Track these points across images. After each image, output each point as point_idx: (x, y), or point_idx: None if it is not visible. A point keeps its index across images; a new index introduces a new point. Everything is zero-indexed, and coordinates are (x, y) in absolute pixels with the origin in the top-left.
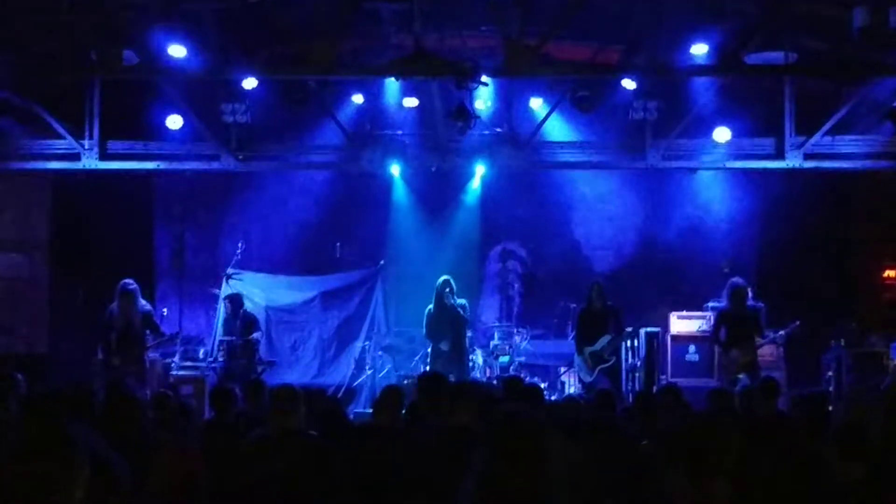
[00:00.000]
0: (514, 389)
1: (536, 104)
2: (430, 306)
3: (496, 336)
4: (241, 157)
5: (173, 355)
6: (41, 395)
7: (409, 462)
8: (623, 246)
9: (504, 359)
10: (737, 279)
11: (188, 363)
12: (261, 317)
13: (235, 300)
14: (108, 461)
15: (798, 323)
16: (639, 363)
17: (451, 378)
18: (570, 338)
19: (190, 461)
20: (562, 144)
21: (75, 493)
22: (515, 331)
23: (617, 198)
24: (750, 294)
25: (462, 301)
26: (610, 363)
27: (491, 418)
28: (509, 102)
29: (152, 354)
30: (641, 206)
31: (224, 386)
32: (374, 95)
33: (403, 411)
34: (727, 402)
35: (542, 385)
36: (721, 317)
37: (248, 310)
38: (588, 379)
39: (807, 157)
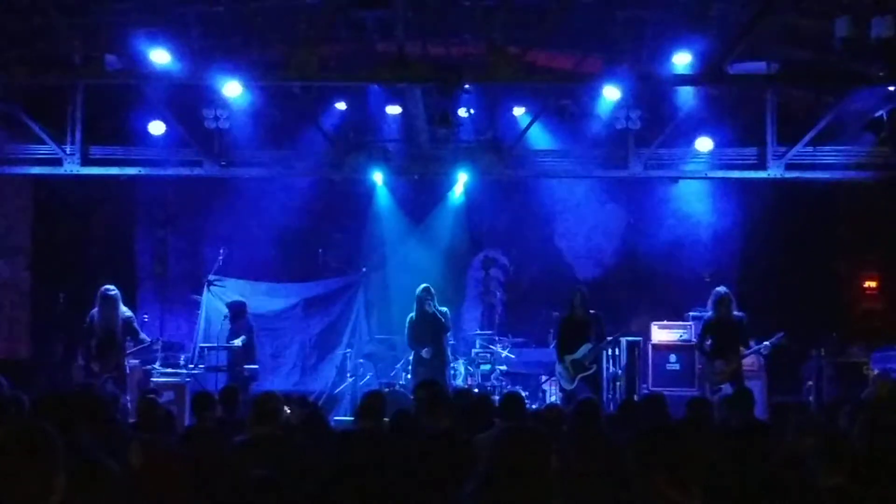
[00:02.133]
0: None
1: (519, 112)
2: (412, 314)
3: (478, 344)
4: (223, 163)
5: (154, 361)
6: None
7: (394, 467)
8: (605, 254)
9: (485, 367)
10: (721, 288)
11: (169, 369)
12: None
13: (239, 307)
14: (105, 467)
15: (783, 334)
16: (620, 372)
17: None
18: (552, 346)
19: (174, 464)
20: (545, 153)
21: (51, 498)
22: (497, 339)
23: (599, 206)
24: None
25: (443, 308)
26: (591, 371)
27: (497, 430)
28: (492, 110)
29: (132, 361)
30: (624, 215)
31: (205, 391)
32: (357, 102)
33: (386, 418)
34: (706, 411)
35: (524, 393)
36: (707, 326)
37: (227, 316)
38: (569, 387)
39: (788, 167)
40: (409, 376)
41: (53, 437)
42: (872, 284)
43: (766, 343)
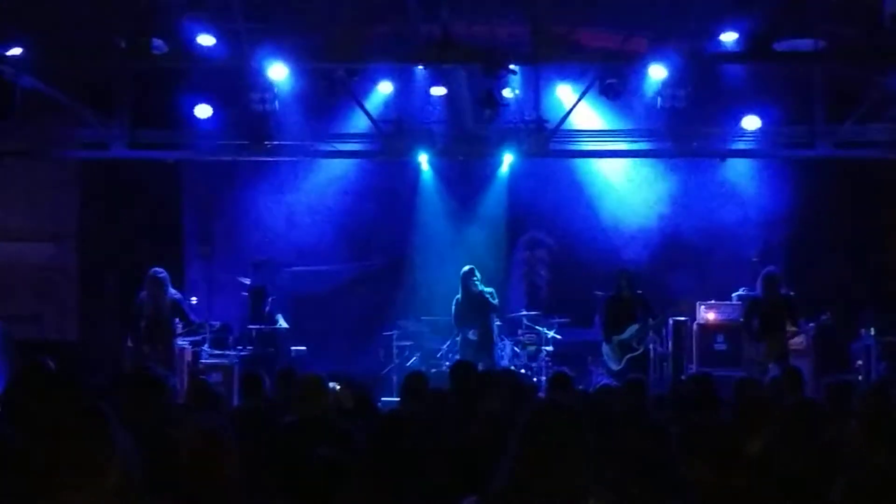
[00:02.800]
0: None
1: (564, 92)
2: (458, 295)
3: (523, 325)
4: (269, 145)
5: (202, 343)
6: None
7: (439, 448)
8: (651, 234)
9: (531, 348)
10: (770, 267)
11: (217, 351)
12: (288, 305)
13: (260, 290)
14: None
15: (828, 315)
16: (667, 352)
17: (480, 367)
18: (598, 327)
19: (226, 442)
20: (590, 133)
21: (109, 477)
22: (543, 320)
23: (645, 186)
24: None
25: (490, 289)
26: (638, 352)
27: (530, 407)
28: (537, 91)
29: (181, 342)
30: (670, 195)
31: (254, 372)
32: (402, 84)
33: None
34: (754, 391)
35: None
36: (754, 305)
37: (274, 298)
38: (616, 367)
39: (837, 145)
40: (456, 357)
41: (108, 416)
42: None
43: (811, 325)
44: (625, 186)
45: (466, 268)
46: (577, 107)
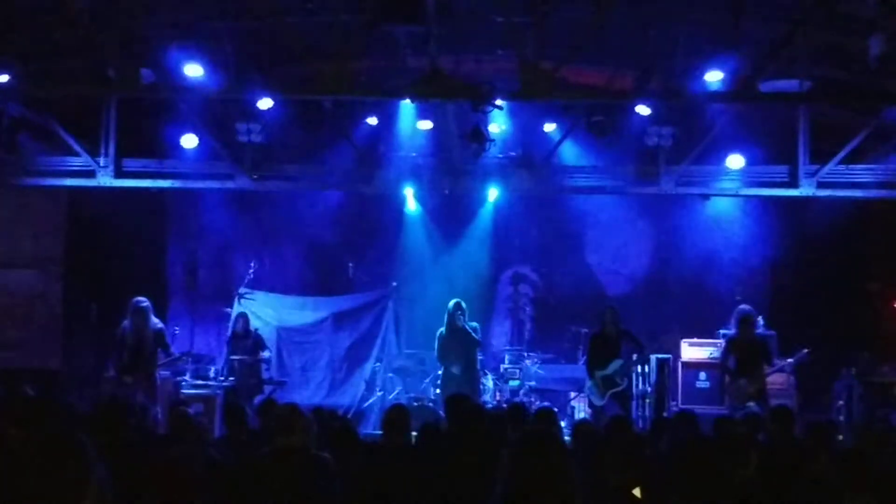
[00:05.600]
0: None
1: (551, 128)
2: (442, 329)
3: (507, 360)
4: (255, 176)
5: (184, 374)
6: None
7: (422, 480)
8: (636, 271)
9: (514, 382)
10: (744, 306)
11: (199, 381)
12: (272, 337)
13: (243, 321)
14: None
15: (806, 351)
16: (649, 389)
17: None
18: (581, 362)
19: (189, 477)
20: (576, 169)
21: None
22: (526, 355)
23: (630, 223)
24: (760, 321)
25: (474, 324)
26: (622, 387)
27: (517, 436)
28: (524, 126)
29: (163, 372)
30: (654, 232)
31: (236, 403)
32: (388, 117)
33: (414, 433)
34: (732, 429)
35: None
36: (730, 344)
37: (258, 329)
38: (599, 403)
39: (820, 185)
40: (437, 391)
41: (85, 445)
42: None
43: (790, 360)
44: (610, 223)
45: (453, 302)
46: (563, 143)
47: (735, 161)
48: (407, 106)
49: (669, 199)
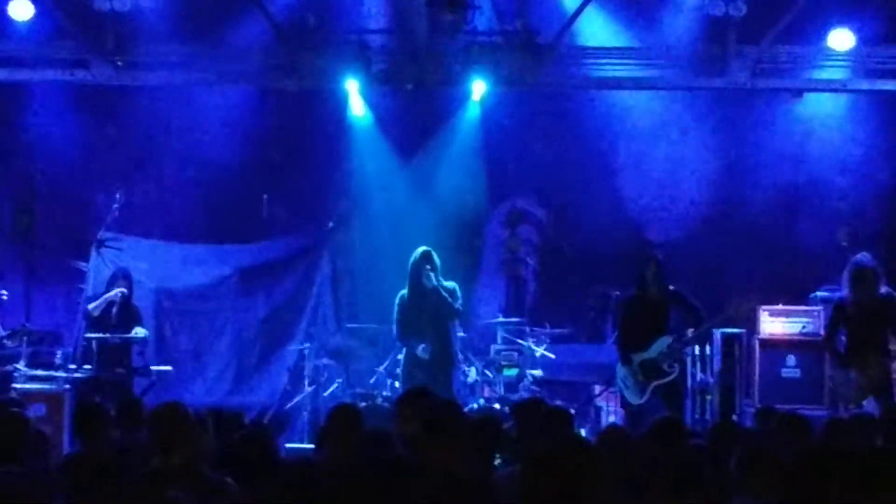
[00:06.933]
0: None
1: None
2: (403, 291)
3: (500, 338)
4: (120, 62)
5: (16, 359)
6: None
7: None
8: (690, 207)
9: (511, 371)
10: (862, 256)
11: (40, 371)
12: (148, 304)
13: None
14: None
15: None
16: (711, 380)
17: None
18: (611, 341)
19: None
20: (602, 51)
21: None
22: (528, 330)
23: (682, 134)
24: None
25: (450, 284)
26: (671, 377)
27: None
28: None
29: None
30: (719, 148)
31: (94, 403)
32: None
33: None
34: (845, 440)
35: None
36: (839, 311)
37: (126, 293)
38: (637, 401)
39: None
40: (397, 384)
41: None
42: None
43: None
44: (653, 134)
45: (419, 251)
46: (582, 13)
47: (840, 39)
48: None
49: (743, 96)
